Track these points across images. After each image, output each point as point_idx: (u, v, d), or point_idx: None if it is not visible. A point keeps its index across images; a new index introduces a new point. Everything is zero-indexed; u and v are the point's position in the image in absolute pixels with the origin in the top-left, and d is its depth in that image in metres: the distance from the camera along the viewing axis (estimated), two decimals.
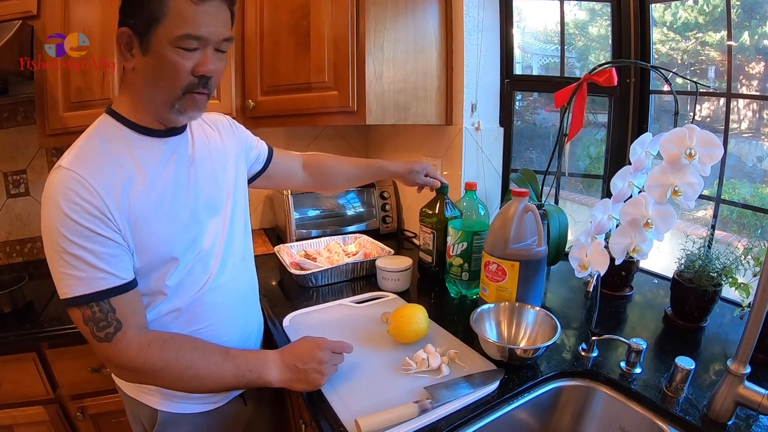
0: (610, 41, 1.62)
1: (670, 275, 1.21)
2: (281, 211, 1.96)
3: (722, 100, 1.44)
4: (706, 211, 1.59)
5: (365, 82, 1.44)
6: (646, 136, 1.10)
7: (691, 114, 1.33)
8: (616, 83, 1.30)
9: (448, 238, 1.36)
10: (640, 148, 1.10)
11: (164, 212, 0.88)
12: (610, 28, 1.62)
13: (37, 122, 1.54)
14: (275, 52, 1.59)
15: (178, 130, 0.95)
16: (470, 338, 1.11)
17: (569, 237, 1.49)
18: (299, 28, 1.51)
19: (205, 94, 0.87)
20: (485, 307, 1.10)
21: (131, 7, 0.80)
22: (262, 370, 0.92)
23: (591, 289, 1.03)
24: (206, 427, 1.05)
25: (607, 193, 1.64)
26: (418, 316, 1.08)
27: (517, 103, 1.82)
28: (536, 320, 1.08)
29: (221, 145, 1.07)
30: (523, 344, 1.07)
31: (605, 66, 1.31)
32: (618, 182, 1.13)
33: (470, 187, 1.38)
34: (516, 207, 1.15)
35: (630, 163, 1.12)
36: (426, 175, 1.41)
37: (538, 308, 1.09)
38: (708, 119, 1.58)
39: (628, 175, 1.13)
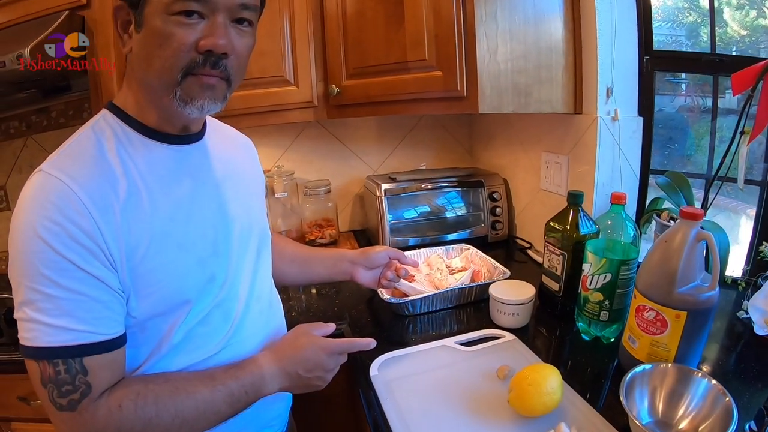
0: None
1: None
2: (372, 213, 1.69)
3: None
4: None
5: (476, 59, 1.14)
6: None
7: None
8: None
9: (585, 266, 1.04)
10: None
11: (174, 240, 0.70)
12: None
13: None
14: (361, 27, 1.33)
15: (193, 137, 0.77)
16: (600, 398, 0.88)
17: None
18: None
19: (218, 77, 0.67)
20: (638, 370, 0.81)
21: None
22: (260, 388, 0.76)
23: None
24: None
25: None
26: (550, 383, 0.80)
27: None
28: (706, 396, 0.77)
29: (249, 165, 0.92)
30: (684, 425, 0.79)
31: None
32: None
33: (618, 201, 1.04)
34: (685, 234, 0.85)
35: None
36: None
37: (714, 381, 0.78)
38: None
39: None
